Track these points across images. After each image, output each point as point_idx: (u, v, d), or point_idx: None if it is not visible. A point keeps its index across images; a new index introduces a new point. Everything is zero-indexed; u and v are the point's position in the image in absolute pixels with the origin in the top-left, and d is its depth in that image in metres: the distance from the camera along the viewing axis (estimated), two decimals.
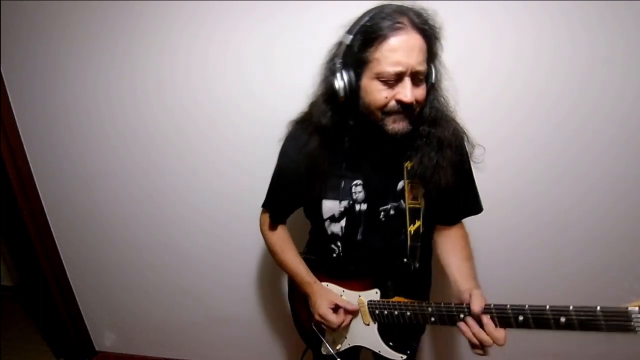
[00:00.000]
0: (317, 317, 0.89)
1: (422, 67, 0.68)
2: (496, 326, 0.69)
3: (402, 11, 0.67)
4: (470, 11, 1.09)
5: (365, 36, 0.68)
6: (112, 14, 1.27)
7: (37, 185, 1.57)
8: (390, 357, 0.90)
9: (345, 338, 0.95)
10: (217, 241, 1.52)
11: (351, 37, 0.70)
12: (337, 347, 0.95)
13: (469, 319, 0.72)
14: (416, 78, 0.69)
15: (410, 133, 0.74)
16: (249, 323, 1.64)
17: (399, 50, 0.65)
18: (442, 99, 0.77)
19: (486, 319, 0.70)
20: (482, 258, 1.32)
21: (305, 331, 1.05)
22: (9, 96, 1.44)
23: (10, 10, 1.33)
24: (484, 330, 0.70)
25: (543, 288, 1.34)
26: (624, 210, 1.21)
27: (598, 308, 0.58)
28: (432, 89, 0.75)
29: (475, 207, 0.91)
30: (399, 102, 0.69)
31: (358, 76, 0.71)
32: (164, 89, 1.34)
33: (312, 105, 0.83)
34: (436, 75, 0.74)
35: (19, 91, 1.44)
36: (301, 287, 0.94)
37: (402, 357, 0.88)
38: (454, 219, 0.93)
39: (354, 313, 0.89)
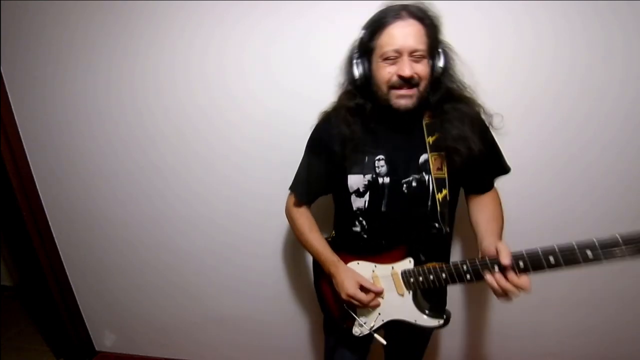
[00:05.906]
0: (344, 296, 0.93)
1: (419, 47, 0.78)
2: (529, 272, 0.75)
3: (403, 6, 0.80)
4: (470, 11, 1.09)
5: (372, 28, 0.82)
6: (112, 14, 1.28)
7: (37, 185, 1.57)
8: (427, 325, 0.92)
9: (379, 314, 0.96)
10: (216, 241, 1.52)
11: (363, 31, 0.85)
12: (372, 325, 0.96)
13: (497, 274, 0.77)
14: (415, 56, 0.79)
15: (429, 111, 0.88)
16: (248, 323, 1.64)
17: (397, 34, 0.78)
18: (455, 79, 0.87)
19: (510, 272, 0.75)
20: None
21: (335, 316, 1.06)
22: (9, 96, 1.45)
23: (10, 10, 1.33)
24: (509, 281, 0.75)
25: (544, 285, 1.34)
26: (624, 209, 1.21)
27: (618, 236, 0.65)
28: (445, 71, 0.85)
29: (502, 168, 0.97)
30: (400, 77, 0.80)
31: (370, 62, 0.85)
32: (163, 89, 1.34)
33: (341, 93, 0.95)
34: (446, 59, 0.84)
35: (19, 91, 1.44)
36: (325, 266, 0.98)
37: (439, 322, 0.91)
38: (485, 186, 0.98)
39: (378, 293, 0.93)
